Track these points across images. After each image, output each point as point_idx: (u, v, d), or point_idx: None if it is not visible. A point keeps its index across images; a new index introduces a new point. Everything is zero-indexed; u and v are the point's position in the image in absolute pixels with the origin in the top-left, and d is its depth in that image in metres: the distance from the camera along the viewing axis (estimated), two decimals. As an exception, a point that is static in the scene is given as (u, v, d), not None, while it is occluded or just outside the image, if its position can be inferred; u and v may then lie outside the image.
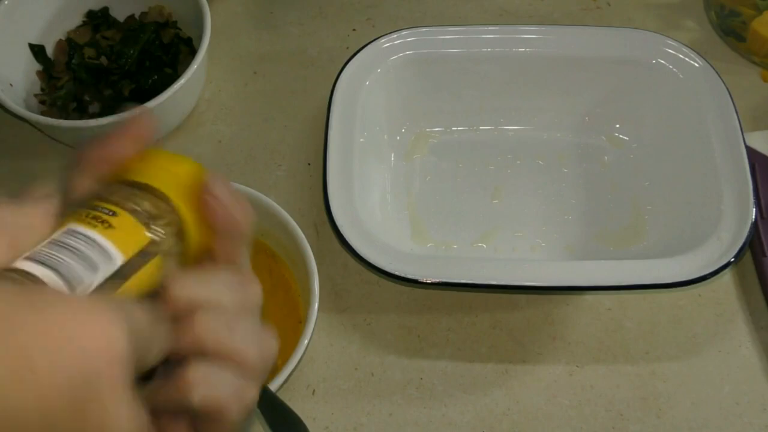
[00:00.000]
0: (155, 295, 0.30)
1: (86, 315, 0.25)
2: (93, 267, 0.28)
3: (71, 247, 0.28)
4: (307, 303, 0.52)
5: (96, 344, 0.24)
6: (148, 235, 0.30)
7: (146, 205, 0.31)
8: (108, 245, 0.29)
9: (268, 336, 0.32)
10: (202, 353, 0.29)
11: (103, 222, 0.29)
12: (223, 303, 0.30)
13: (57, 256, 0.28)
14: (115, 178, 0.32)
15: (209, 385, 0.29)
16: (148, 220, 0.31)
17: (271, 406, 0.48)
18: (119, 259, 0.29)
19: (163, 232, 0.31)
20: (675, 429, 0.53)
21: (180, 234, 0.32)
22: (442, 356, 0.56)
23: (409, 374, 0.56)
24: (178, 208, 0.32)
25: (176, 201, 0.32)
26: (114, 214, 0.30)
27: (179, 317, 0.29)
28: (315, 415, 0.54)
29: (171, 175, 0.33)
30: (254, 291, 0.32)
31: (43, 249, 0.28)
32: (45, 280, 0.27)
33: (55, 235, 0.29)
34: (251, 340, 0.30)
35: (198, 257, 0.33)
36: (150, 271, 0.30)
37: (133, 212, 0.30)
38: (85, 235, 0.29)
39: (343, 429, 0.54)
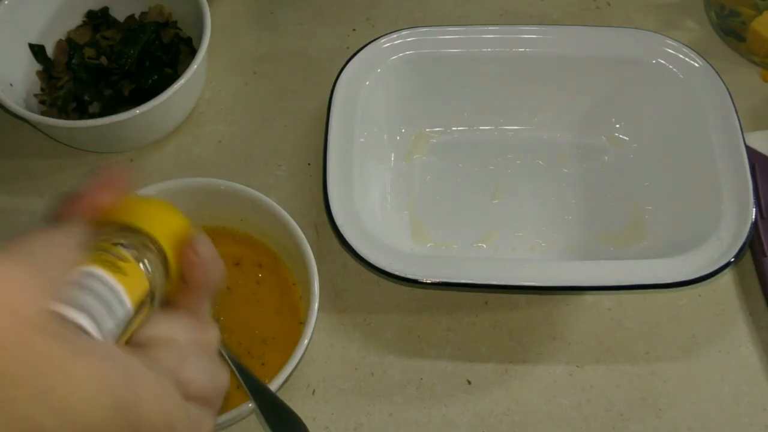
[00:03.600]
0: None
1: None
2: (112, 314, 0.30)
3: (98, 293, 0.30)
4: (307, 303, 0.52)
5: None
6: (148, 286, 0.32)
7: (150, 255, 0.33)
8: (122, 293, 0.30)
9: (220, 370, 0.34)
10: None
11: (117, 268, 0.31)
12: (179, 341, 0.32)
13: (90, 302, 0.29)
14: (113, 220, 0.34)
15: None
16: (149, 271, 0.32)
17: (271, 406, 0.48)
18: (129, 306, 0.31)
19: (157, 283, 0.33)
20: (675, 429, 0.54)
21: (164, 283, 0.34)
22: (442, 356, 0.56)
23: (409, 374, 0.56)
24: (170, 260, 0.34)
25: (169, 253, 0.34)
26: (124, 260, 0.31)
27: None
28: (315, 415, 0.54)
29: (166, 226, 0.35)
30: (211, 334, 0.35)
31: (78, 293, 0.29)
32: (89, 329, 0.29)
33: (80, 277, 0.30)
34: (202, 372, 0.32)
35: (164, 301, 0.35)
36: (142, 317, 0.32)
37: (140, 261, 0.32)
38: (107, 282, 0.30)
39: (343, 429, 0.54)
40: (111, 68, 0.66)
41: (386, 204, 0.62)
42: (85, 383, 0.26)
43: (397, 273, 0.52)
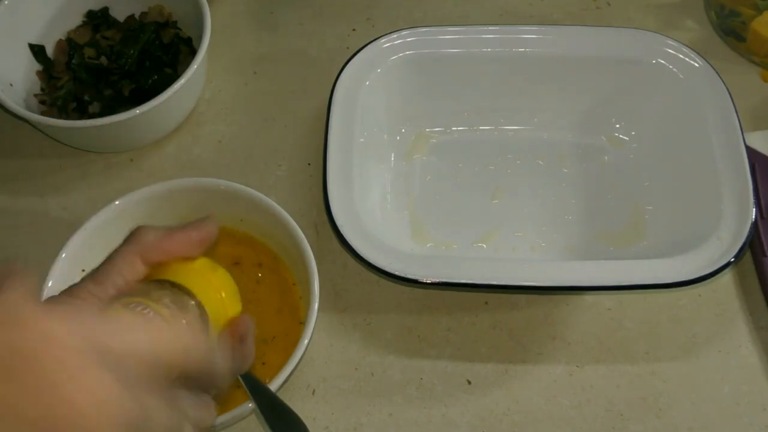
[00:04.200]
0: None
1: None
2: None
3: None
4: (307, 303, 0.52)
5: None
6: None
7: (191, 319, 0.33)
8: None
9: None
10: None
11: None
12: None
13: None
14: (168, 277, 0.34)
15: None
16: None
17: (271, 406, 0.48)
18: None
19: None
20: (675, 429, 0.54)
21: None
22: (442, 356, 0.56)
23: (409, 374, 0.56)
24: (213, 331, 0.34)
25: (213, 328, 0.34)
26: (161, 314, 0.32)
27: None
28: (315, 415, 0.54)
29: (220, 301, 0.35)
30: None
31: None
32: None
33: None
34: None
35: None
36: None
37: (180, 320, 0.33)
38: None
39: (343, 429, 0.54)
40: (111, 68, 0.66)
41: (386, 204, 0.62)
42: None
43: (397, 273, 0.52)
